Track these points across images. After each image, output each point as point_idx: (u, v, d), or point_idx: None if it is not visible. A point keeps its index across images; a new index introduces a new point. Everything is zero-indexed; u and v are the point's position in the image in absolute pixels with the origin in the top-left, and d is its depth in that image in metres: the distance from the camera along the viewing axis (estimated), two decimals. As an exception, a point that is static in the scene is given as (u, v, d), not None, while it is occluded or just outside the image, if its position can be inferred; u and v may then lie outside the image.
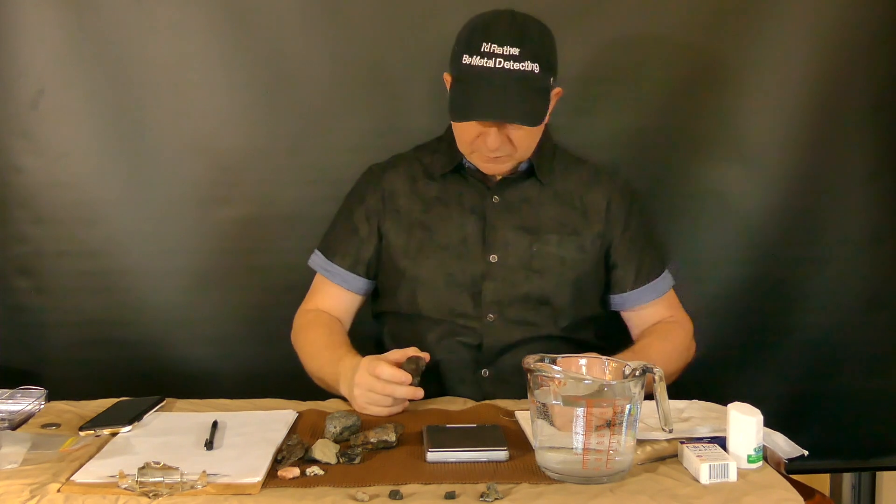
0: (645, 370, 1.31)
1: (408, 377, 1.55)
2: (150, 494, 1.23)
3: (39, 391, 1.63)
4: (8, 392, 1.63)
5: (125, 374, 2.03)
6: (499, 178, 1.79)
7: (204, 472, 1.27)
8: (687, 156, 2.09)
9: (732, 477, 1.29)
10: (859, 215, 2.13)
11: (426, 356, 1.61)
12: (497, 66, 1.62)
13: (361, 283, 1.84)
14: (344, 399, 1.64)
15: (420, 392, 1.58)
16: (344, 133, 2.03)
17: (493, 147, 1.68)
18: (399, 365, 1.57)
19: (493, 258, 1.76)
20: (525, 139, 1.71)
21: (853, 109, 2.08)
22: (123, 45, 1.97)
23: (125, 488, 1.24)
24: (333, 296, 1.84)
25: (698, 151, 2.09)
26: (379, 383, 1.55)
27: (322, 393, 1.71)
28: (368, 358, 1.60)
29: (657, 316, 1.85)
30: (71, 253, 2.03)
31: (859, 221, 2.13)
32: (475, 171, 1.79)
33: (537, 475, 1.30)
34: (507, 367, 1.74)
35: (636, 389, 1.28)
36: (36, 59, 1.96)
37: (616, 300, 1.85)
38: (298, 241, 2.01)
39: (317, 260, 1.86)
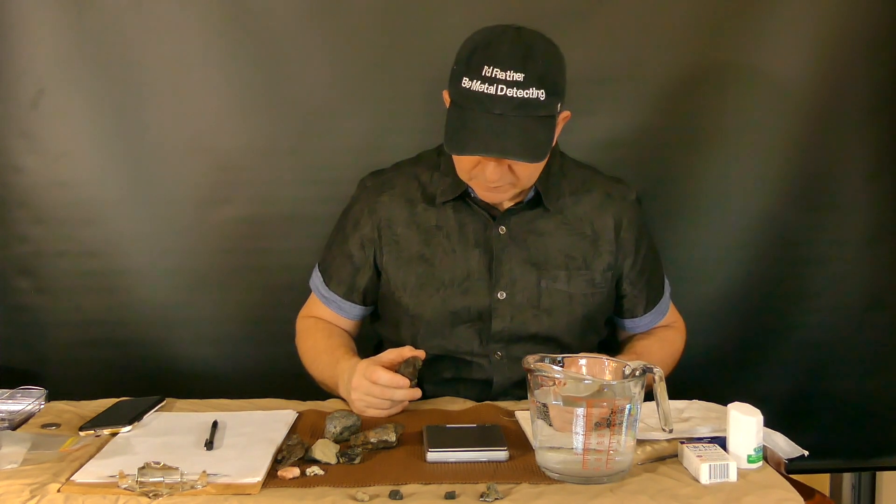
0: (645, 370, 1.31)
1: (406, 381, 1.55)
2: (150, 494, 1.23)
3: (39, 391, 1.63)
4: (8, 392, 1.63)
5: (125, 374, 2.03)
6: (505, 206, 1.71)
7: (204, 472, 1.27)
8: (687, 156, 2.09)
9: (732, 477, 1.29)
10: (859, 215, 2.12)
11: (421, 354, 1.59)
12: (499, 92, 1.50)
13: (358, 309, 1.80)
14: (345, 400, 1.64)
15: (418, 392, 1.57)
16: (344, 133, 2.03)
17: (492, 180, 1.58)
18: (396, 368, 1.56)
19: (501, 295, 1.69)
20: (528, 168, 1.60)
21: (853, 109, 2.08)
22: (124, 45, 1.97)
23: (125, 488, 1.24)
24: (331, 318, 1.81)
25: (698, 151, 2.09)
26: (377, 388, 1.54)
27: (322, 393, 1.72)
28: (365, 362, 1.58)
29: (657, 325, 1.85)
30: (71, 253, 2.03)
31: (859, 221, 2.13)
32: (480, 199, 1.70)
33: (537, 475, 1.30)
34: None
35: (636, 389, 1.28)
36: (36, 59, 1.96)
37: (628, 324, 1.83)
38: (298, 241, 2.02)
39: (315, 281, 1.82)
